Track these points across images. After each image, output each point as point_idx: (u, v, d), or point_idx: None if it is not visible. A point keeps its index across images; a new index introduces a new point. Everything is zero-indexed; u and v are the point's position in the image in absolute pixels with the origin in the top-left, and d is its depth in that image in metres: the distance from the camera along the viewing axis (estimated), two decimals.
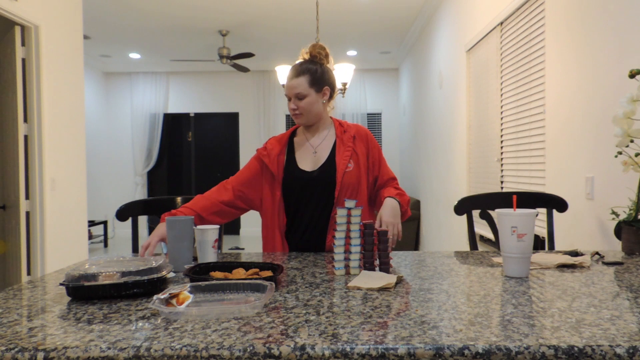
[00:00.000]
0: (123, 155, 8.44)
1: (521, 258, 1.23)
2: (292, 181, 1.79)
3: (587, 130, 2.17)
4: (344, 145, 1.79)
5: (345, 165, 1.75)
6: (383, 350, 0.76)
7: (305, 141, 1.86)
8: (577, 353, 0.75)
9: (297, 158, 1.83)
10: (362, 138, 1.82)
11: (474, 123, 3.95)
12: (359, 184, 1.77)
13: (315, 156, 1.82)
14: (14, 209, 3.34)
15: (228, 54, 6.34)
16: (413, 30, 6.26)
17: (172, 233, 1.39)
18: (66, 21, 3.73)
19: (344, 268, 1.30)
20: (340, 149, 1.79)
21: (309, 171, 1.79)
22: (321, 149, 1.82)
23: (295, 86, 1.77)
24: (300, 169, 1.80)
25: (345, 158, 1.76)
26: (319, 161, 1.80)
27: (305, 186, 1.77)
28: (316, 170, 1.78)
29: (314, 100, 1.79)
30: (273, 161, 1.81)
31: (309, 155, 1.82)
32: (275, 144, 1.87)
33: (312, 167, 1.80)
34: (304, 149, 1.85)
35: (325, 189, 1.75)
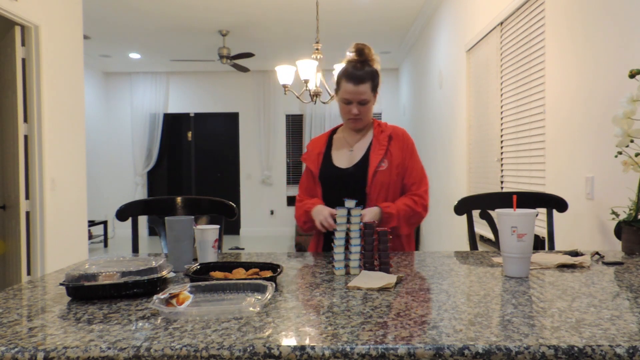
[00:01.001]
0: (123, 155, 8.44)
1: (521, 258, 1.23)
2: (327, 177, 1.85)
3: (587, 130, 2.17)
4: (379, 144, 1.82)
5: (377, 163, 1.78)
6: (383, 350, 0.76)
7: (344, 140, 1.91)
8: (577, 353, 0.75)
9: (333, 155, 1.89)
10: (399, 138, 1.85)
11: (474, 123, 3.95)
12: (391, 184, 1.79)
13: (351, 154, 1.86)
14: (14, 209, 3.34)
15: (228, 54, 6.33)
16: (413, 30, 6.26)
17: (172, 233, 1.39)
18: (66, 21, 3.73)
19: (344, 268, 1.30)
20: (375, 148, 1.82)
21: (343, 168, 1.84)
22: (358, 147, 1.87)
23: (362, 92, 1.79)
24: (335, 166, 1.85)
25: (379, 156, 1.79)
26: (354, 159, 1.84)
27: (339, 183, 1.82)
28: (351, 168, 1.82)
29: (373, 104, 1.85)
30: (313, 161, 1.89)
31: (346, 153, 1.87)
32: (315, 143, 1.94)
33: (347, 165, 1.84)
34: (342, 147, 1.90)
35: (358, 186, 1.78)
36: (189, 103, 8.53)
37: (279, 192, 8.59)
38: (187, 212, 1.98)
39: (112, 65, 8.12)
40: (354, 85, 1.79)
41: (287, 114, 8.54)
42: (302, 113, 8.48)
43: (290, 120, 8.60)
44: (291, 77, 4.31)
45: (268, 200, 8.58)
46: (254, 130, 8.50)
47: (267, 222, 8.59)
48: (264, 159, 8.49)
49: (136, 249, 1.92)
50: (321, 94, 4.50)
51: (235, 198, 8.48)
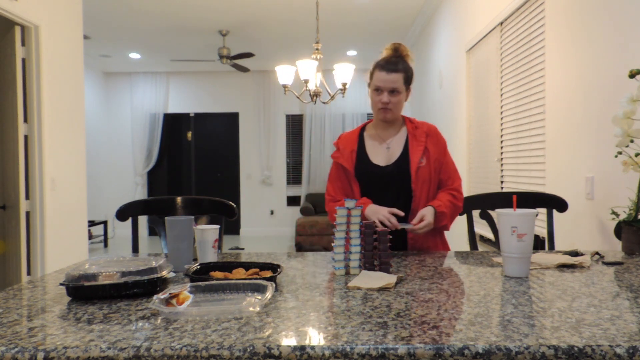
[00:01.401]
0: (123, 155, 8.44)
1: (521, 258, 1.23)
2: (365, 176, 1.82)
3: (587, 130, 2.17)
4: (417, 141, 1.81)
5: (418, 160, 1.78)
6: (383, 350, 0.76)
7: (377, 137, 1.88)
8: (577, 353, 0.75)
9: (369, 153, 1.86)
10: (433, 135, 1.84)
11: (474, 123, 3.95)
12: (431, 180, 1.80)
13: (388, 151, 1.84)
14: (14, 209, 3.34)
15: (228, 54, 6.33)
16: (413, 30, 6.26)
17: (172, 233, 1.39)
18: (66, 21, 3.73)
19: (344, 268, 1.30)
20: (413, 145, 1.81)
21: (382, 166, 1.82)
22: (394, 145, 1.85)
23: (394, 80, 1.77)
24: (374, 164, 1.83)
25: (418, 153, 1.78)
26: (393, 156, 1.82)
27: (379, 181, 1.80)
28: (390, 165, 1.81)
29: (404, 99, 1.83)
30: (347, 159, 1.85)
31: (382, 151, 1.85)
32: (346, 141, 1.91)
33: (385, 162, 1.82)
34: (376, 144, 1.87)
35: (400, 184, 1.78)
36: (189, 103, 8.53)
37: (279, 192, 8.59)
38: (187, 212, 1.98)
39: (112, 65, 8.12)
40: (387, 73, 1.78)
41: (287, 114, 8.54)
42: (302, 113, 8.49)
43: (290, 120, 8.60)
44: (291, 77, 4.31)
45: (268, 200, 8.58)
46: (254, 130, 8.50)
47: (267, 222, 8.59)
48: (264, 159, 8.49)
49: (136, 249, 1.92)
50: (321, 94, 4.50)
51: (235, 198, 8.48)
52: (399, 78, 1.78)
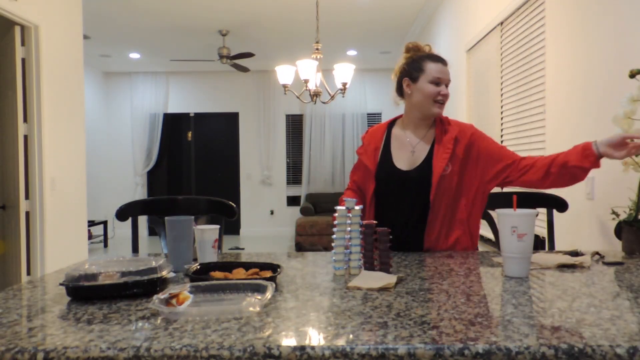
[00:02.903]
0: (123, 155, 8.44)
1: (521, 258, 1.23)
2: (386, 177, 1.75)
3: (587, 130, 2.17)
4: (443, 146, 1.71)
5: (442, 168, 1.67)
6: (383, 350, 0.76)
7: (405, 138, 1.79)
8: (578, 353, 0.75)
9: (393, 154, 1.78)
10: (465, 137, 1.72)
11: (474, 123, 3.95)
12: (454, 189, 1.69)
13: (413, 155, 1.75)
14: (13, 209, 3.34)
15: (228, 54, 6.33)
16: (413, 30, 6.26)
17: (172, 233, 1.39)
18: (66, 21, 3.73)
19: (344, 268, 1.30)
20: (439, 151, 1.71)
21: (405, 170, 1.74)
22: (419, 149, 1.75)
23: (448, 73, 1.74)
24: (396, 167, 1.75)
25: (443, 160, 1.68)
26: (417, 161, 1.74)
27: (399, 185, 1.73)
28: (413, 170, 1.72)
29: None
30: (370, 156, 1.80)
31: (406, 154, 1.76)
32: (372, 137, 1.84)
33: (408, 166, 1.74)
34: (402, 145, 1.78)
35: (420, 191, 1.69)
36: (189, 103, 8.53)
37: (279, 192, 8.59)
38: (187, 212, 1.98)
39: (112, 65, 8.12)
40: (443, 65, 1.73)
41: (287, 114, 8.54)
42: (302, 113, 8.49)
43: (290, 120, 8.60)
44: (291, 77, 4.31)
45: (268, 200, 8.58)
46: (254, 130, 8.50)
47: (267, 222, 8.59)
48: (264, 159, 8.49)
49: (136, 249, 1.92)
50: (321, 94, 4.50)
51: (235, 198, 8.48)
52: (449, 71, 1.75)
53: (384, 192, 1.76)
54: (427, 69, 1.72)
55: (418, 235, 1.71)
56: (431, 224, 1.69)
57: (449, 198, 1.69)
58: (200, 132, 8.61)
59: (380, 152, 1.80)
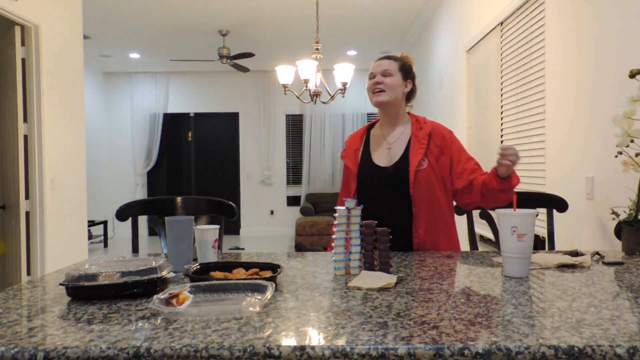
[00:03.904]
0: (123, 155, 8.44)
1: (521, 258, 1.23)
2: (366, 175, 1.81)
3: (587, 130, 2.17)
4: (418, 142, 1.78)
5: (417, 162, 1.73)
6: (383, 350, 0.76)
7: (382, 136, 1.87)
8: (577, 353, 0.75)
9: (372, 152, 1.85)
10: (439, 136, 1.79)
11: (474, 123, 3.95)
12: (434, 183, 1.74)
13: (389, 152, 1.82)
14: (14, 209, 3.34)
15: (228, 54, 6.33)
16: (413, 30, 6.25)
17: (172, 233, 1.39)
18: (66, 21, 3.73)
19: (344, 268, 1.30)
20: (415, 146, 1.77)
21: (383, 167, 1.80)
22: (396, 145, 1.82)
23: (385, 64, 1.82)
24: (375, 164, 1.82)
25: (419, 155, 1.74)
26: (394, 157, 1.80)
27: (379, 182, 1.79)
28: (391, 167, 1.79)
29: (399, 83, 1.82)
30: (351, 157, 1.87)
31: (384, 151, 1.83)
32: (353, 139, 1.92)
33: (386, 163, 1.80)
34: (380, 143, 1.86)
35: (400, 186, 1.75)
36: (189, 103, 8.53)
37: (279, 192, 8.59)
38: (187, 212, 1.98)
39: (112, 65, 8.12)
40: (379, 60, 1.84)
41: (287, 114, 8.54)
42: (302, 113, 8.48)
43: (290, 120, 8.60)
44: (291, 77, 4.31)
45: (268, 200, 8.58)
46: (254, 130, 8.50)
47: (267, 222, 8.59)
48: (264, 159, 8.49)
49: (136, 249, 1.92)
50: (321, 94, 4.50)
51: (235, 198, 8.48)
52: (391, 63, 1.82)
53: (366, 190, 1.81)
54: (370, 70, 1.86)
55: (406, 231, 1.74)
56: (417, 218, 1.73)
57: (429, 192, 1.74)
58: (200, 132, 8.61)
59: (361, 153, 1.87)
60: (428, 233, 1.72)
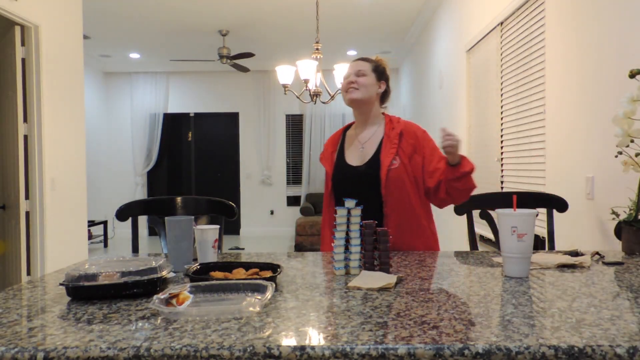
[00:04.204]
0: (123, 155, 8.44)
1: (521, 258, 1.23)
2: (339, 175, 1.84)
3: (587, 130, 2.17)
4: (390, 141, 1.79)
5: (389, 161, 1.75)
6: (383, 350, 0.76)
7: (355, 136, 1.90)
8: (577, 353, 0.75)
9: (346, 153, 1.88)
10: (411, 135, 1.80)
11: (474, 123, 3.95)
12: (406, 182, 1.75)
13: (362, 151, 1.84)
14: (13, 209, 3.34)
15: (228, 54, 6.33)
16: (413, 30, 6.25)
17: (172, 233, 1.39)
18: (66, 21, 3.73)
19: (344, 268, 1.30)
20: (387, 145, 1.79)
21: (355, 166, 1.82)
22: (369, 145, 1.84)
23: (359, 65, 1.85)
24: (348, 164, 1.84)
25: (390, 154, 1.76)
26: (366, 156, 1.82)
27: (351, 181, 1.81)
28: (363, 166, 1.81)
29: (372, 82, 1.84)
30: (328, 159, 1.90)
31: (357, 151, 1.86)
32: (331, 141, 1.96)
33: (359, 162, 1.82)
34: (354, 143, 1.88)
35: (371, 185, 1.76)
36: (189, 103, 8.53)
37: (279, 192, 8.59)
38: (187, 212, 1.98)
39: (112, 65, 8.12)
40: (353, 62, 1.88)
41: (287, 114, 8.54)
42: (302, 113, 8.49)
43: (290, 120, 8.60)
44: (291, 77, 4.31)
45: (268, 200, 8.58)
46: (254, 130, 8.50)
47: (267, 222, 8.59)
48: (264, 159, 8.49)
49: (136, 249, 1.92)
50: (321, 94, 4.50)
51: (235, 198, 8.48)
52: (365, 64, 1.85)
53: (340, 190, 1.83)
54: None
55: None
56: (388, 218, 1.74)
57: (400, 191, 1.75)
58: (200, 132, 8.61)
59: (337, 153, 1.91)
60: (399, 233, 1.71)
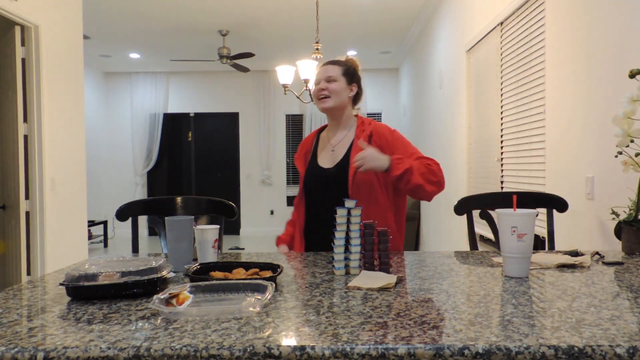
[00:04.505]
0: (123, 155, 8.44)
1: (521, 258, 1.23)
2: (311, 177, 1.87)
3: (587, 130, 2.17)
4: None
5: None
6: (383, 350, 0.76)
7: (327, 139, 1.92)
8: (577, 353, 0.75)
9: (318, 155, 1.90)
10: (380, 136, 1.82)
11: (474, 123, 3.95)
12: (373, 184, 1.77)
13: (333, 154, 1.87)
14: (13, 209, 3.34)
15: (228, 54, 6.33)
16: (413, 30, 6.25)
17: (172, 233, 1.39)
18: (66, 21, 3.73)
19: (344, 268, 1.30)
20: (356, 147, 1.80)
21: (326, 168, 1.84)
22: (339, 147, 1.87)
23: (328, 70, 1.84)
24: (319, 166, 1.87)
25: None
26: (336, 159, 1.84)
27: (322, 183, 1.83)
28: (333, 168, 1.83)
29: (344, 88, 1.84)
30: (301, 161, 1.93)
31: (328, 153, 1.88)
32: (304, 143, 1.98)
33: (329, 165, 1.85)
34: (325, 146, 1.91)
35: (340, 187, 1.77)
36: (189, 103, 8.53)
37: (279, 192, 8.59)
38: (187, 212, 1.98)
39: (112, 65, 8.12)
40: (323, 66, 1.87)
41: (287, 114, 8.54)
42: (302, 113, 8.49)
43: (290, 120, 8.60)
44: (291, 77, 4.31)
45: (268, 200, 8.58)
46: (254, 130, 8.50)
47: (267, 222, 8.59)
48: (264, 159, 8.49)
49: (136, 249, 1.92)
50: None
51: (235, 198, 8.48)
52: (335, 68, 1.85)
53: (311, 191, 1.86)
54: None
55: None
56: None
57: (369, 193, 1.76)
58: (200, 132, 8.61)
59: (310, 155, 1.93)
60: None
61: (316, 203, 1.84)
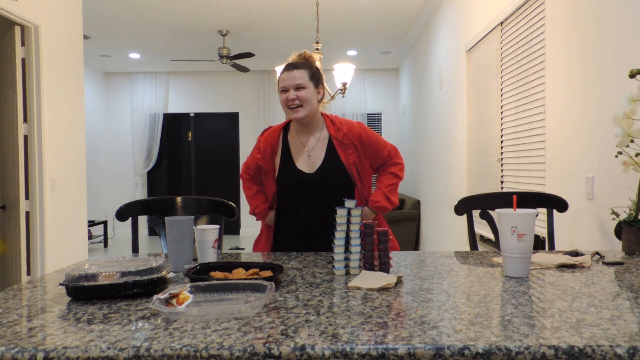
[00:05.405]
0: (123, 155, 8.44)
1: (521, 258, 1.23)
2: (288, 181, 1.84)
3: (587, 130, 2.17)
4: (344, 145, 1.82)
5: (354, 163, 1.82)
6: (383, 350, 0.76)
7: (300, 143, 1.88)
8: (577, 353, 0.75)
9: (294, 159, 1.86)
10: (355, 136, 1.84)
11: (474, 123, 3.95)
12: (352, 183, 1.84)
13: (309, 160, 1.85)
14: (13, 209, 3.34)
15: (228, 54, 6.33)
16: (413, 30, 6.25)
17: (172, 233, 1.39)
18: (66, 21, 3.73)
19: (344, 268, 1.30)
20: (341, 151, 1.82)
21: (307, 173, 1.82)
22: (315, 152, 1.85)
23: (296, 77, 1.77)
24: (299, 170, 1.84)
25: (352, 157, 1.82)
26: (315, 163, 1.83)
27: (305, 188, 1.82)
28: (314, 173, 1.81)
29: (313, 93, 1.81)
30: (267, 160, 1.87)
31: (305, 159, 1.85)
32: (267, 142, 1.90)
33: (310, 170, 1.83)
34: (300, 151, 1.88)
35: (327, 191, 1.79)
36: (189, 103, 8.53)
37: None
38: (187, 212, 1.98)
39: (112, 65, 8.12)
40: (288, 71, 1.80)
41: None
42: None
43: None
44: None
45: None
46: (254, 130, 8.50)
47: None
48: None
49: (136, 249, 1.92)
50: None
51: (235, 198, 8.48)
52: (302, 74, 1.79)
53: (288, 195, 1.85)
54: (279, 80, 1.83)
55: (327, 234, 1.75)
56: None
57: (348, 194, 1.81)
58: (200, 132, 8.61)
59: (281, 157, 1.88)
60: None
61: (293, 206, 1.85)
